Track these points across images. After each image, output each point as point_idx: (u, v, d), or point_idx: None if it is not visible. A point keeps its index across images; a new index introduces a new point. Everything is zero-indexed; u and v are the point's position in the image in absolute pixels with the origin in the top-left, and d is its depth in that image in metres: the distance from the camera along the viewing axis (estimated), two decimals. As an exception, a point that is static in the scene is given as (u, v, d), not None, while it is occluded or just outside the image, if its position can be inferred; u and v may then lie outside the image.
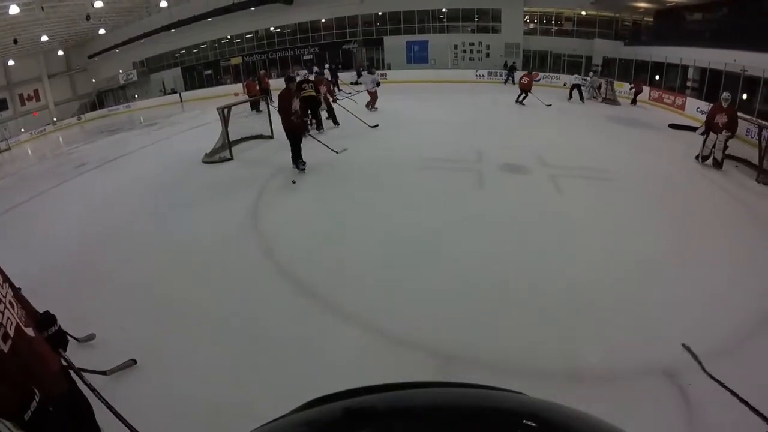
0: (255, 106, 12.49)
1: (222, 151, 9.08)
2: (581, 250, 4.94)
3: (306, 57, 27.95)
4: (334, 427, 0.76)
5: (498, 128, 11.77)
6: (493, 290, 4.17)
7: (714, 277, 4.40)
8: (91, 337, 3.53)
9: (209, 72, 30.61)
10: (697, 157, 8.75)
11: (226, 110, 9.05)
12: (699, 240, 5.25)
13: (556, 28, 26.66)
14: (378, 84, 13.65)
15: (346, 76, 22.65)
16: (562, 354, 3.36)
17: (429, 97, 17.89)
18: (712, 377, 2.77)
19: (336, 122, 11.32)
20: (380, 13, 27.22)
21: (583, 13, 25.74)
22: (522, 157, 8.50)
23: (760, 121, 9.45)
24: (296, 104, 7.43)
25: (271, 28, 28.88)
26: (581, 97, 17.78)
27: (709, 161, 8.46)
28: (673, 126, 13.41)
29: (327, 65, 23.09)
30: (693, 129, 11.71)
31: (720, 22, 18.17)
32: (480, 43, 26.37)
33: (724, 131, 8.17)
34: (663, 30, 22.59)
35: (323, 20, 27.90)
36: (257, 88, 15.76)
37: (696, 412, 2.80)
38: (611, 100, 17.71)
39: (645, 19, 25.11)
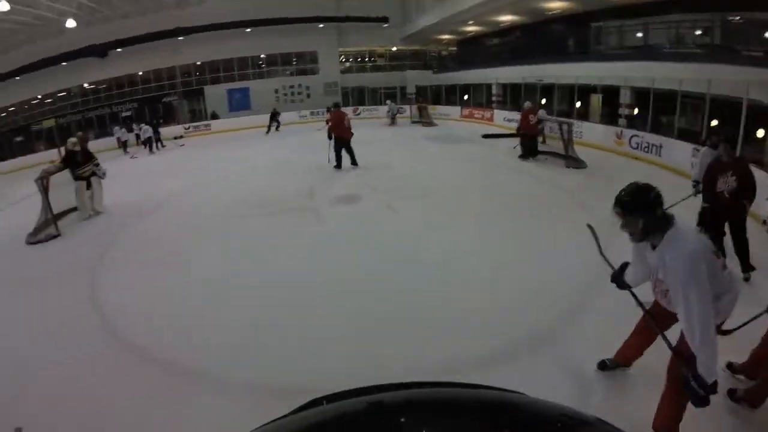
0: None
1: (46, 228, 8.41)
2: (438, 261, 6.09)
3: (124, 114, 26.64)
4: (334, 427, 0.75)
5: (322, 164, 12.06)
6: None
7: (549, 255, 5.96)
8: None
9: (20, 139, 26.20)
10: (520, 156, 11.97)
11: (44, 180, 8.47)
12: (535, 224, 7.11)
13: (371, 64, 29.68)
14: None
15: (169, 131, 22.36)
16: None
17: (251, 143, 19.49)
18: (605, 258, 3.07)
19: None
20: (199, 63, 27.50)
21: (394, 49, 28.95)
22: (354, 187, 9.83)
23: (559, 118, 12.54)
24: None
25: (85, 85, 26.94)
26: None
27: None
28: (486, 136, 15.67)
29: (145, 122, 21.45)
30: (503, 136, 14.47)
31: (514, 43, 22.14)
32: (300, 85, 28.52)
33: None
34: (466, 56, 26.67)
35: (140, 73, 27.08)
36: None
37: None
38: (428, 122, 20.59)
39: (449, 48, 29.29)
